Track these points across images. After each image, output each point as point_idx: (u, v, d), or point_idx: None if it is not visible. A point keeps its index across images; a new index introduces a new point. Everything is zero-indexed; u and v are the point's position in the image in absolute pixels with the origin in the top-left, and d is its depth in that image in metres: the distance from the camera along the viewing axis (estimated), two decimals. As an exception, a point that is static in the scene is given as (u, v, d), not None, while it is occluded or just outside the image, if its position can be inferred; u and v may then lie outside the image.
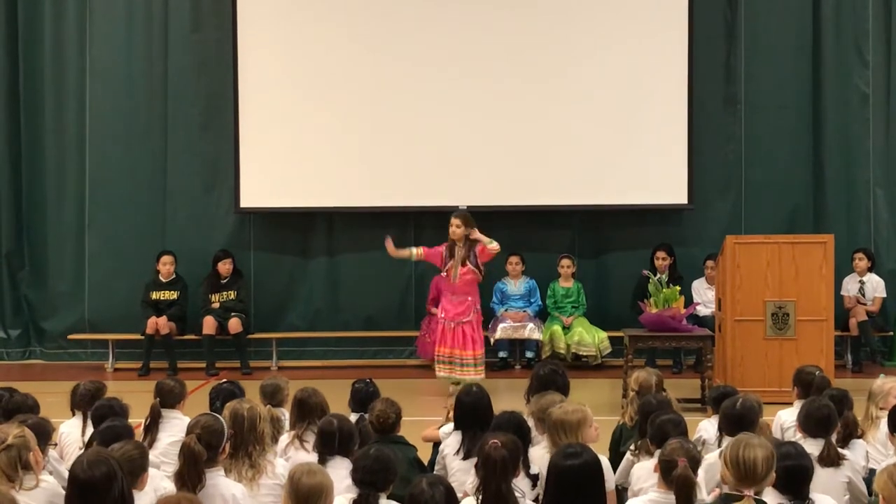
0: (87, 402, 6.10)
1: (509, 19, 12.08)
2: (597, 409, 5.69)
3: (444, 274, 10.11)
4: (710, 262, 11.52)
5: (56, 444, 5.96)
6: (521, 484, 4.98)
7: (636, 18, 12.06)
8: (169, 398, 6.16)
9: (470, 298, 10.01)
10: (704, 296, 11.60)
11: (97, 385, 6.38)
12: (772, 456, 4.29)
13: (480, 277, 10.12)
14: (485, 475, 4.52)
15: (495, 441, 4.62)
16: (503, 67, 12.03)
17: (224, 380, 6.79)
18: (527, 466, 5.08)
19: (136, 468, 4.59)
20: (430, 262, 10.36)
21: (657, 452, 5.10)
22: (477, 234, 9.97)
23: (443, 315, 10.04)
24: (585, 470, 4.37)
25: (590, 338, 11.71)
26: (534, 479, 5.04)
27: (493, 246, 9.96)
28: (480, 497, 4.49)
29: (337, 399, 6.35)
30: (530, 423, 5.92)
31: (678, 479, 4.33)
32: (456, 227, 9.96)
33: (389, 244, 10.23)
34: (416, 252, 10.32)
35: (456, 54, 12.06)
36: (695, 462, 4.47)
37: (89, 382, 6.41)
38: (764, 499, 4.37)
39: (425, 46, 12.11)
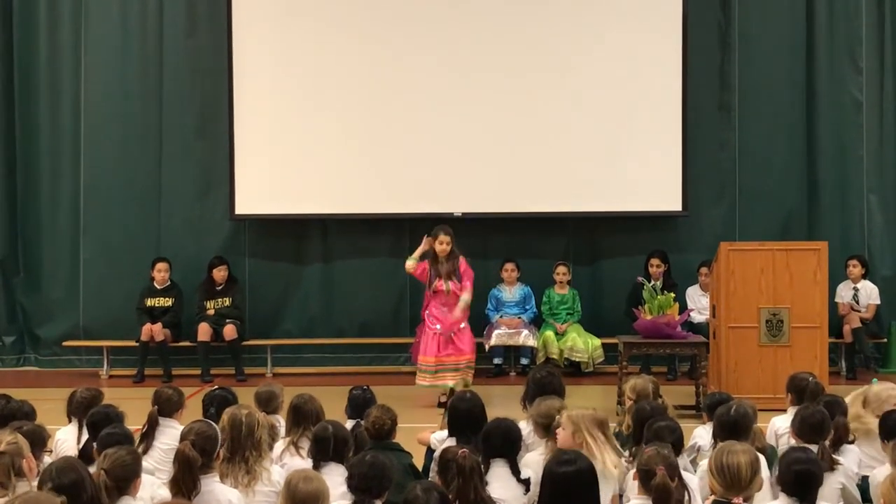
0: (84, 409, 6.07)
1: (503, 29, 12.08)
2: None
3: (433, 291, 10.02)
4: (704, 269, 11.54)
5: (52, 451, 5.96)
6: (512, 489, 5.00)
7: (630, 26, 12.08)
8: (167, 406, 6.16)
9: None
10: (699, 302, 11.61)
11: (94, 392, 6.36)
12: (756, 460, 4.30)
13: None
14: (461, 484, 4.54)
15: (463, 450, 4.66)
16: (498, 76, 12.04)
17: (216, 386, 6.78)
18: (517, 472, 5.09)
19: (129, 473, 4.58)
20: (419, 278, 10.28)
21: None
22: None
23: (439, 326, 10.00)
24: (579, 477, 4.38)
25: (583, 344, 11.72)
26: (525, 483, 5.05)
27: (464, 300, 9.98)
28: None
29: (332, 406, 6.35)
30: (529, 427, 5.94)
31: (656, 487, 4.35)
32: (446, 245, 9.93)
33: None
34: (412, 264, 10.15)
35: (451, 64, 12.07)
36: (672, 468, 4.47)
37: (86, 389, 6.39)
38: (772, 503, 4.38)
39: (419, 54, 12.12)
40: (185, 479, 4.67)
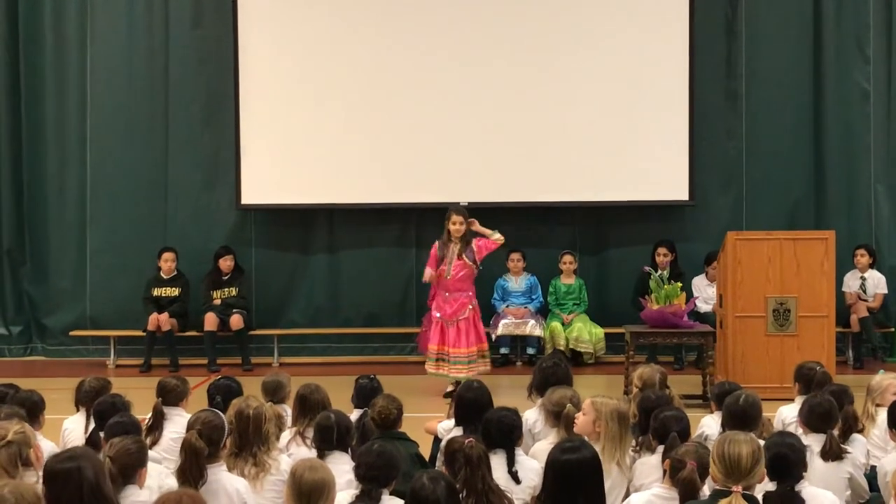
0: (92, 398, 6.07)
1: (510, 17, 12.06)
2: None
3: (437, 272, 9.90)
4: (714, 263, 11.54)
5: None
6: (508, 482, 4.99)
7: (637, 14, 12.05)
8: (171, 397, 6.16)
9: (465, 294, 9.89)
10: (705, 292, 11.59)
11: (102, 382, 6.36)
12: (758, 450, 4.30)
13: (476, 272, 9.97)
14: (468, 474, 4.54)
15: (469, 440, 4.65)
16: (504, 64, 12.02)
17: (220, 376, 6.79)
18: (511, 464, 5.09)
19: (135, 462, 4.58)
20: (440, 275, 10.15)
21: (659, 448, 5.11)
22: (478, 227, 9.83)
23: (438, 314, 9.93)
24: (583, 465, 4.36)
25: (587, 334, 11.71)
26: (514, 476, 5.04)
27: (498, 237, 9.83)
28: (463, 494, 4.50)
29: (338, 395, 6.36)
30: (536, 416, 5.94)
31: (682, 480, 4.36)
32: (459, 225, 9.77)
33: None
34: (430, 272, 9.92)
35: (457, 51, 12.05)
36: (704, 469, 4.47)
37: (94, 379, 6.39)
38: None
39: (426, 43, 12.10)
40: (192, 469, 4.68)
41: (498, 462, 5.03)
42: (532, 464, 5.17)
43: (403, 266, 12.29)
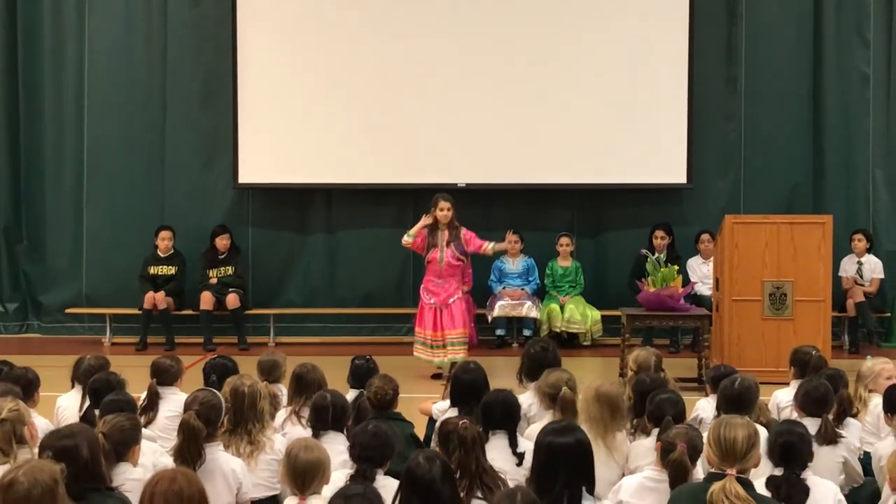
0: (90, 376, 6.06)
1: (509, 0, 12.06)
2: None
3: (427, 261, 9.92)
4: (705, 236, 11.56)
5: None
6: (511, 462, 4.99)
7: (637, -3, 12.04)
8: (166, 377, 6.15)
9: (457, 279, 9.88)
10: (699, 271, 11.60)
11: (101, 361, 6.34)
12: (754, 434, 4.31)
13: (465, 263, 10.00)
14: (462, 455, 4.53)
15: (464, 421, 4.63)
16: (504, 46, 12.00)
17: (216, 355, 6.78)
18: (514, 444, 5.08)
19: (128, 440, 4.58)
20: (417, 251, 10.15)
21: (654, 431, 5.10)
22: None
23: (432, 300, 9.93)
24: (570, 447, 4.32)
25: (580, 316, 11.71)
26: (520, 456, 5.03)
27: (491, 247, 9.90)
28: (457, 474, 4.48)
29: (334, 375, 6.36)
30: (530, 400, 5.93)
31: (673, 462, 4.36)
32: (447, 211, 9.78)
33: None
34: (409, 240, 9.97)
35: (457, 32, 12.02)
36: (695, 451, 4.47)
37: (94, 357, 6.37)
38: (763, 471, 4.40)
39: (426, 24, 12.06)
40: (190, 449, 4.67)
41: (499, 443, 5.02)
42: (529, 445, 5.16)
43: (400, 246, 12.18)
